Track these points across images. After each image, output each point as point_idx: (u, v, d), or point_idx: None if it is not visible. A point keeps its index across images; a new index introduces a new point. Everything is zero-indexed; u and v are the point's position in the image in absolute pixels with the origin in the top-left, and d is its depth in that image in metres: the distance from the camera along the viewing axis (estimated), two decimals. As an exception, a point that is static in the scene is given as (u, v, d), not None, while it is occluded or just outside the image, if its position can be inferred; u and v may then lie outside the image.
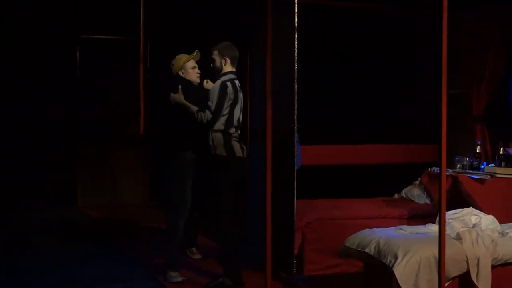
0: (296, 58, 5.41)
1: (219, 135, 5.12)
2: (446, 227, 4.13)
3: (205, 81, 5.51)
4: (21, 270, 5.80)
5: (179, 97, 5.21)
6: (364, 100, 7.32)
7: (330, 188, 6.74)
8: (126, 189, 9.30)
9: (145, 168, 6.49)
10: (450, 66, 3.91)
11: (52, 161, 9.13)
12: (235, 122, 5.16)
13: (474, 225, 4.77)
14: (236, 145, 5.15)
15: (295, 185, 5.45)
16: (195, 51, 5.42)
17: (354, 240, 4.80)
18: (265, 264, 3.76)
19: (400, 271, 4.27)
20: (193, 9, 7.97)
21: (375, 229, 4.92)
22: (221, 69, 5.18)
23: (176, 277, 5.42)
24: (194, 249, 6.27)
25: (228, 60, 5.17)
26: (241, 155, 5.17)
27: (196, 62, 5.52)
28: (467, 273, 4.42)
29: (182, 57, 5.45)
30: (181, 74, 5.44)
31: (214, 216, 5.17)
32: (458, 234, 4.57)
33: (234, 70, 5.21)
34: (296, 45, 5.42)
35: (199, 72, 5.51)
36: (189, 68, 5.45)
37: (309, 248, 5.62)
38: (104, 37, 9.14)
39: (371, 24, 7.18)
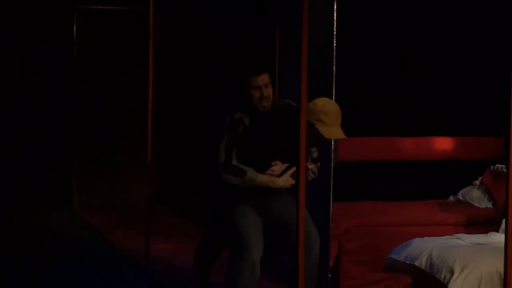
0: (334, 41, 5.38)
1: None
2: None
3: None
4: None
5: None
6: (413, 86, 7.33)
7: (372, 188, 6.78)
8: (132, 188, 9.49)
9: (156, 165, 6.48)
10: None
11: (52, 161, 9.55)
12: None
13: (547, 235, 4.74)
14: None
15: (332, 184, 5.44)
16: None
17: (402, 251, 4.81)
18: (295, 278, 3.76)
19: (457, 288, 4.27)
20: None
21: (426, 238, 4.93)
22: None
23: None
24: None
25: None
26: None
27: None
28: (537, 291, 4.40)
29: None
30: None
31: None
32: (527, 245, 4.55)
33: None
34: (335, 27, 5.39)
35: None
36: None
37: (347, 260, 5.64)
38: (105, 7, 9.23)
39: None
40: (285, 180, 4.65)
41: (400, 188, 6.82)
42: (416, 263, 4.62)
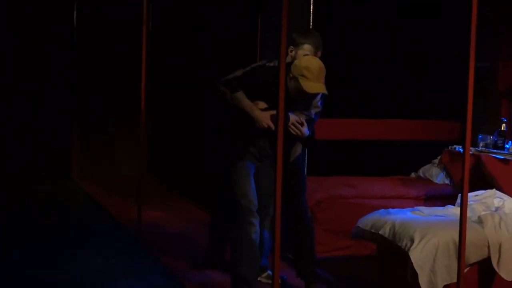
0: (311, 23, 5.38)
1: None
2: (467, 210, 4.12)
3: None
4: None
5: None
6: (381, 72, 7.31)
7: (343, 165, 6.76)
8: (124, 160, 9.48)
9: (145, 138, 6.41)
10: (478, 37, 3.88)
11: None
12: None
13: (497, 208, 4.78)
14: None
15: (306, 161, 5.43)
16: None
17: (368, 221, 4.82)
18: (273, 244, 3.76)
19: (416, 255, 4.29)
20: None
21: (390, 209, 4.94)
22: None
23: None
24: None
25: None
26: None
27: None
28: (488, 259, 4.44)
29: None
30: None
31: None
32: (479, 217, 4.58)
33: None
34: (311, 11, 5.39)
35: None
36: None
37: (319, 229, 5.61)
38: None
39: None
40: (264, 114, 4.40)
41: (367, 164, 6.82)
42: (381, 232, 4.63)
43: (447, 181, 6.31)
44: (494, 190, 5.01)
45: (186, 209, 7.71)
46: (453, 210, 4.82)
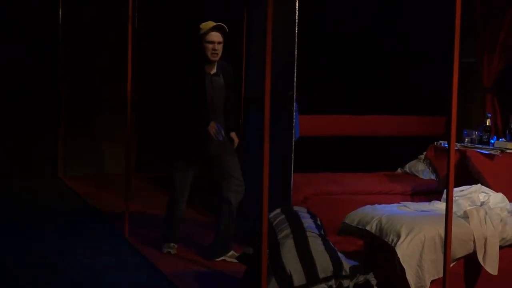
0: (296, 21, 5.38)
1: None
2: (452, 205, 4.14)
3: None
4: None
5: None
6: (367, 68, 7.32)
7: (329, 161, 6.77)
8: (111, 159, 9.43)
9: (133, 135, 6.40)
10: (462, 32, 3.89)
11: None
12: None
13: (482, 203, 4.80)
14: None
15: (293, 157, 5.44)
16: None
17: (355, 216, 4.83)
18: (259, 236, 3.77)
19: (403, 250, 4.30)
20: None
21: (377, 205, 4.95)
22: None
23: (168, 248, 5.54)
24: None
25: None
26: None
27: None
28: (474, 253, 4.46)
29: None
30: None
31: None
32: (465, 212, 4.60)
33: None
34: (297, 7, 5.38)
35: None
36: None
37: None
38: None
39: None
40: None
41: (354, 161, 6.84)
42: (367, 228, 4.64)
43: (433, 177, 6.34)
44: (479, 185, 5.03)
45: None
46: (439, 205, 4.84)
